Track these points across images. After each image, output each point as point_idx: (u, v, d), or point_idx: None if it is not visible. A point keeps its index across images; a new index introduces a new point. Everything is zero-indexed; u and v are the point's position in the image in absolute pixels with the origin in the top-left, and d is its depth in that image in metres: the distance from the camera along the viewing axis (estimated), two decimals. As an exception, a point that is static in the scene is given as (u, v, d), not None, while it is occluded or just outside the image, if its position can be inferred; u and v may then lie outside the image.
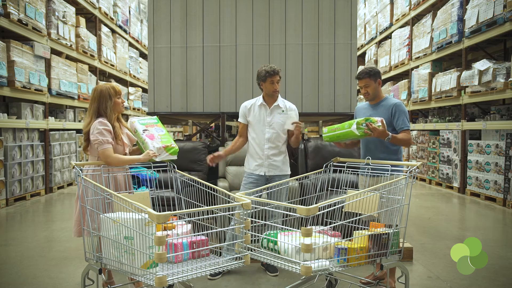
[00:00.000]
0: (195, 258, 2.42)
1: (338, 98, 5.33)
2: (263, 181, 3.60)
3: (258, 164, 3.60)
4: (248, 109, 3.68)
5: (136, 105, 13.46)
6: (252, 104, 3.69)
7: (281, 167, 3.62)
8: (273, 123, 3.61)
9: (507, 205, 6.68)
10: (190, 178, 2.89)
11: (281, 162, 3.63)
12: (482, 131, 7.58)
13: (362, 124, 2.93)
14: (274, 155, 3.59)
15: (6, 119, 6.72)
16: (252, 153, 3.66)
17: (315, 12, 5.32)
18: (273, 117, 3.62)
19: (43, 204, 7.14)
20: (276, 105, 3.64)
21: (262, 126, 3.61)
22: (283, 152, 3.65)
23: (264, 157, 3.58)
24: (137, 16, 13.82)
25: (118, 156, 2.76)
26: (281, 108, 3.64)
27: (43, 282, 3.51)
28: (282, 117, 3.62)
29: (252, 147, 3.65)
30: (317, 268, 2.26)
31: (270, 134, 3.59)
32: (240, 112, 3.74)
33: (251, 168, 3.64)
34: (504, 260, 4.09)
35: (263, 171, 3.59)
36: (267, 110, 3.63)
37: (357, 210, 2.64)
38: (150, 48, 5.40)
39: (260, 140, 3.60)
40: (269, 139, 3.59)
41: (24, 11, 6.95)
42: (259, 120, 3.62)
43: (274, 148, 3.59)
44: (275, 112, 3.63)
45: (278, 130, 3.60)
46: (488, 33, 7.20)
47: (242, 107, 3.73)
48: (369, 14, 13.89)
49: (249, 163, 3.68)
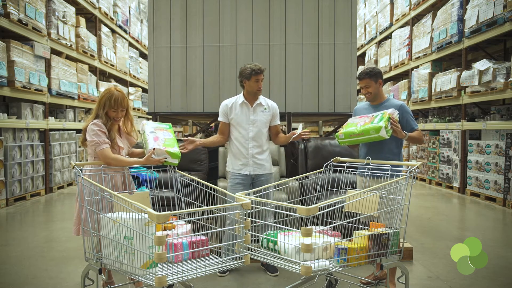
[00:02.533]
0: (195, 258, 2.42)
1: (338, 98, 5.33)
2: (249, 181, 3.61)
3: (242, 163, 3.58)
4: (230, 107, 3.63)
5: (136, 105, 13.46)
6: (233, 102, 3.65)
7: (265, 166, 3.62)
8: (257, 121, 3.59)
9: (507, 205, 6.68)
10: (190, 178, 2.89)
11: (265, 161, 3.63)
12: (482, 131, 7.58)
13: (388, 127, 2.93)
14: (258, 154, 3.59)
15: (6, 119, 6.72)
16: (235, 153, 3.62)
17: (315, 12, 5.32)
18: (256, 115, 3.60)
19: (43, 204, 7.14)
20: (258, 103, 3.63)
21: (246, 124, 3.58)
22: (266, 150, 3.65)
23: (249, 156, 3.57)
24: (137, 16, 13.82)
25: (117, 157, 2.76)
26: (264, 106, 3.64)
27: (43, 282, 3.51)
28: (265, 115, 3.62)
29: (235, 146, 3.62)
30: (317, 268, 2.26)
31: (254, 133, 3.58)
32: (221, 111, 3.68)
33: (235, 168, 3.61)
34: (504, 260, 4.09)
35: (248, 171, 3.58)
36: (250, 109, 3.61)
37: (357, 210, 2.64)
38: (150, 48, 5.40)
39: (244, 139, 3.58)
40: (253, 138, 3.57)
41: (24, 11, 6.95)
42: (242, 118, 3.59)
43: (258, 146, 3.59)
44: (258, 110, 3.62)
45: (261, 128, 3.60)
46: (488, 33, 7.20)
47: (222, 106, 3.68)
48: (369, 14, 13.89)
49: (232, 163, 3.64)
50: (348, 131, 3.06)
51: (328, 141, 4.75)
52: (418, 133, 3.21)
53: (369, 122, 3.00)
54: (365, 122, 3.04)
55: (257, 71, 3.51)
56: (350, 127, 3.08)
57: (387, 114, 2.98)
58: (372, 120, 3.01)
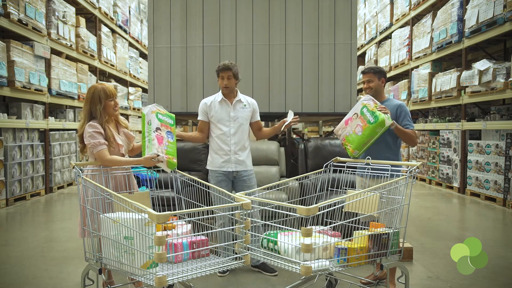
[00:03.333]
0: (195, 258, 2.42)
1: (338, 98, 5.33)
2: (231, 178, 3.63)
3: (224, 160, 3.60)
4: (209, 106, 3.65)
5: (136, 105, 13.46)
6: (212, 101, 3.67)
7: (246, 162, 3.64)
8: (238, 117, 3.61)
9: (507, 205, 6.67)
10: (190, 178, 2.88)
11: (247, 158, 3.66)
12: (482, 131, 7.58)
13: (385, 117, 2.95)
14: (240, 150, 3.61)
15: (6, 119, 6.72)
16: (216, 150, 3.63)
17: (315, 12, 5.32)
18: (236, 111, 3.62)
19: (43, 204, 7.14)
20: (237, 100, 3.65)
21: (227, 121, 3.60)
22: (247, 147, 3.67)
23: (231, 153, 3.58)
24: (137, 16, 13.82)
25: (114, 158, 2.72)
26: (243, 103, 3.66)
27: (43, 282, 3.51)
28: (245, 111, 3.64)
29: (217, 143, 3.63)
30: (317, 268, 2.26)
31: (235, 129, 3.60)
32: (200, 109, 3.69)
33: (217, 166, 3.62)
34: (504, 260, 4.09)
35: (230, 168, 3.59)
36: (230, 106, 3.62)
37: (357, 210, 2.64)
38: (150, 48, 5.40)
39: (226, 136, 3.59)
40: (234, 134, 3.59)
41: (24, 11, 6.95)
42: (223, 116, 3.61)
43: (239, 143, 3.61)
44: (237, 107, 3.64)
45: (242, 125, 3.62)
46: (488, 33, 7.20)
47: (201, 104, 3.69)
48: (369, 14, 13.89)
49: (214, 161, 3.65)
50: (358, 144, 3.02)
51: (328, 141, 4.76)
52: (411, 131, 3.20)
53: (365, 122, 2.99)
54: (358, 125, 3.03)
55: (222, 69, 3.56)
56: (354, 140, 3.03)
57: (367, 104, 3.01)
58: (363, 119, 3.00)
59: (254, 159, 4.51)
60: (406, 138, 3.20)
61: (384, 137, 3.16)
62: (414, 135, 3.22)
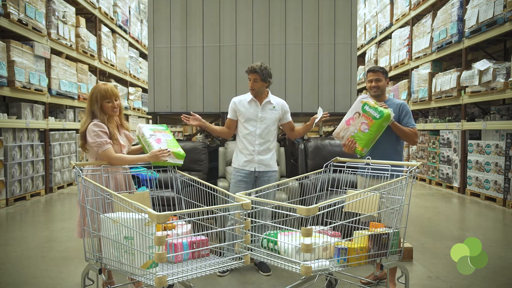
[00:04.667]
0: (195, 258, 2.42)
1: (338, 98, 5.33)
2: (252, 178, 3.64)
3: (247, 160, 3.61)
4: (237, 104, 3.68)
5: (136, 105, 13.46)
6: (241, 100, 3.70)
7: (270, 164, 3.65)
8: (265, 118, 3.62)
9: (507, 205, 6.68)
10: (190, 178, 2.88)
11: (271, 159, 3.66)
12: (482, 131, 7.58)
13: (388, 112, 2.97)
14: (264, 151, 3.61)
15: (6, 119, 6.72)
16: (241, 149, 3.66)
17: (315, 12, 5.32)
18: (265, 113, 3.63)
19: (43, 204, 7.14)
20: (267, 101, 3.66)
21: (254, 121, 3.62)
22: (272, 149, 3.68)
23: (255, 153, 3.59)
24: (137, 16, 13.82)
25: (121, 156, 2.76)
26: (272, 105, 3.67)
27: (43, 282, 3.51)
28: (273, 113, 3.65)
29: (242, 143, 3.65)
30: (317, 268, 2.26)
31: (261, 130, 3.61)
32: (230, 108, 3.73)
33: (240, 164, 3.64)
34: (504, 260, 4.09)
35: (253, 167, 3.61)
36: (258, 106, 3.64)
37: (357, 210, 2.64)
38: (150, 48, 5.40)
39: (251, 136, 3.60)
40: (260, 135, 3.60)
41: (24, 11, 6.95)
42: (251, 115, 3.62)
43: (264, 143, 3.62)
44: (266, 108, 3.65)
45: (269, 126, 3.63)
46: (488, 33, 7.20)
47: (231, 103, 3.73)
48: (369, 14, 13.89)
49: (238, 159, 3.68)
50: (367, 141, 3.02)
51: (328, 141, 4.75)
52: (411, 130, 3.20)
53: (370, 119, 2.99)
54: (363, 123, 3.03)
55: (249, 71, 3.59)
56: (362, 138, 3.02)
57: (367, 102, 3.03)
58: (367, 116, 3.01)
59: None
60: (404, 135, 3.20)
61: (389, 137, 3.16)
62: (414, 134, 3.21)
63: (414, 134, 3.21)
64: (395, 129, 3.16)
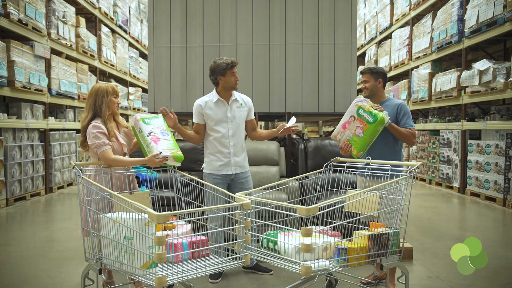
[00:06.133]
0: (195, 258, 2.42)
1: (338, 98, 5.33)
2: (228, 181, 3.49)
3: (223, 163, 3.44)
4: (204, 107, 3.45)
5: (136, 105, 13.46)
6: (207, 101, 3.47)
7: (244, 164, 3.53)
8: (235, 118, 3.46)
9: (507, 205, 6.67)
10: (190, 178, 2.88)
11: (244, 159, 3.54)
12: (482, 131, 7.58)
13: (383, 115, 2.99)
14: (238, 152, 3.48)
15: (6, 119, 6.72)
16: (214, 152, 3.46)
17: (315, 12, 5.32)
18: (233, 112, 3.47)
19: (43, 204, 7.14)
20: (234, 99, 3.49)
21: (224, 123, 3.44)
22: (244, 148, 3.54)
23: (230, 155, 3.44)
24: (137, 16, 13.82)
25: (118, 158, 2.73)
26: (239, 102, 3.52)
27: (43, 282, 3.51)
28: (241, 110, 3.50)
29: (214, 146, 3.45)
30: (317, 268, 2.25)
31: (233, 131, 3.45)
32: (194, 111, 3.49)
33: (214, 169, 3.44)
34: (504, 260, 4.09)
35: (230, 171, 3.45)
36: (226, 106, 3.47)
37: (357, 210, 2.64)
38: (150, 48, 5.40)
39: (224, 138, 3.43)
40: (233, 136, 3.45)
41: (24, 11, 6.95)
42: (220, 117, 3.43)
43: (238, 144, 3.47)
44: (234, 107, 3.48)
45: (239, 125, 3.49)
46: (488, 33, 7.20)
47: (196, 106, 3.49)
48: (369, 14, 13.89)
49: (211, 163, 3.47)
50: (362, 145, 3.04)
51: (328, 141, 4.75)
52: (408, 131, 3.17)
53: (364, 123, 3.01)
54: (358, 127, 3.04)
55: (232, 64, 3.38)
56: (357, 142, 3.04)
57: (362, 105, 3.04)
58: (361, 121, 3.02)
59: (254, 159, 4.51)
60: (401, 136, 3.18)
61: (386, 138, 3.16)
62: (411, 134, 3.17)
63: (412, 134, 3.18)
64: (392, 131, 3.14)
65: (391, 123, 3.11)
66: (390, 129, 3.13)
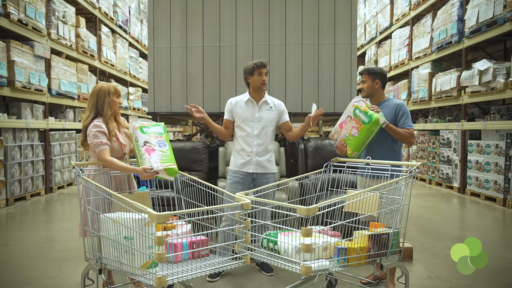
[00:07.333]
0: (195, 258, 2.42)
1: (338, 98, 5.33)
2: (249, 180, 3.56)
3: (245, 161, 3.53)
4: (234, 105, 3.60)
5: (136, 105, 13.46)
6: (238, 100, 3.62)
7: (267, 166, 3.57)
8: (262, 119, 3.55)
9: (507, 205, 6.68)
10: (190, 178, 2.88)
11: (268, 161, 3.58)
12: (482, 131, 7.58)
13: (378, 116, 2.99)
14: (262, 152, 3.54)
15: (6, 119, 6.72)
16: (239, 150, 3.58)
17: (315, 12, 5.32)
18: (262, 113, 3.56)
19: (43, 204, 7.14)
20: (264, 101, 3.59)
21: (251, 122, 3.54)
22: (270, 150, 3.60)
23: (252, 154, 3.52)
24: (137, 16, 13.82)
25: (113, 161, 2.68)
26: (269, 105, 3.60)
27: (43, 282, 3.51)
28: (270, 113, 3.58)
29: (239, 144, 3.57)
30: (317, 268, 2.26)
31: (259, 130, 3.54)
32: (226, 108, 3.65)
33: (237, 166, 3.57)
34: (504, 260, 4.09)
35: (250, 169, 3.53)
36: (255, 106, 3.57)
37: (357, 210, 2.64)
38: (150, 48, 5.40)
39: (249, 137, 3.53)
40: (257, 136, 3.53)
41: (24, 11, 6.95)
42: (247, 116, 3.55)
43: (262, 145, 3.54)
44: (263, 108, 3.57)
45: (266, 126, 3.55)
46: (488, 33, 7.20)
47: (228, 103, 3.65)
48: (369, 14, 13.89)
49: (235, 160, 3.60)
50: (357, 145, 3.05)
51: (328, 141, 4.76)
52: (406, 131, 3.16)
53: (360, 123, 3.01)
54: (354, 127, 3.05)
55: (259, 65, 3.50)
56: (352, 142, 3.06)
57: (359, 106, 3.05)
58: (357, 121, 3.03)
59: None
60: (399, 137, 3.17)
61: (385, 138, 3.16)
62: (409, 135, 3.16)
63: (410, 135, 3.17)
64: (389, 132, 3.14)
65: (388, 124, 3.10)
66: (388, 130, 3.12)
